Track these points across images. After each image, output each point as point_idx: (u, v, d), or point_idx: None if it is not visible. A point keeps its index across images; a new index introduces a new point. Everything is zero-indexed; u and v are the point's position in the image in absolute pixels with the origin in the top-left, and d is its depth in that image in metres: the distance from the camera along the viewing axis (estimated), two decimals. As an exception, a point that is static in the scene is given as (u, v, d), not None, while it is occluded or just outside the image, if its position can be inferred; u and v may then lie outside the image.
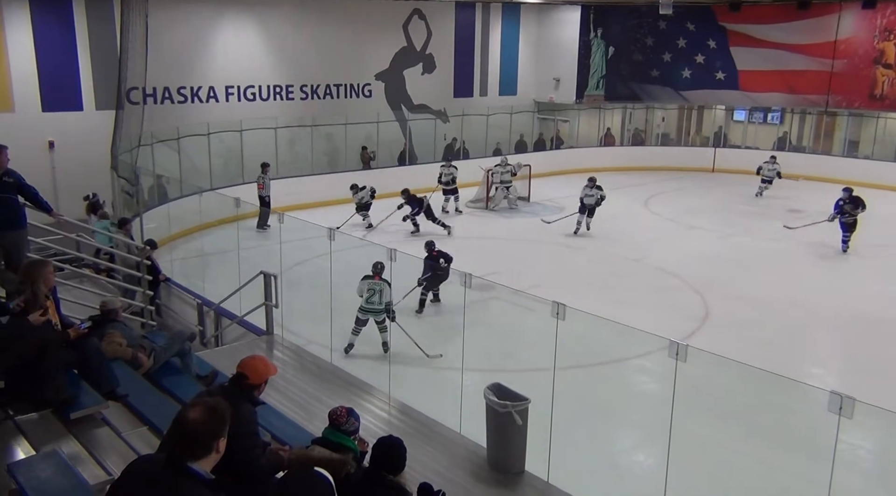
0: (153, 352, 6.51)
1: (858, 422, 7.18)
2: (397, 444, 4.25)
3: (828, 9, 22.27)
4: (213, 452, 2.78)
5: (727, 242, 15.85)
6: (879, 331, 10.87)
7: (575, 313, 7.06)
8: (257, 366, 4.20)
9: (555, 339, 6.36)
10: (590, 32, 24.61)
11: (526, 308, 8.16)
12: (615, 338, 9.05)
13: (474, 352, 9.14)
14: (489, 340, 9.90)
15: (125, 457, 4.58)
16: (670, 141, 26.49)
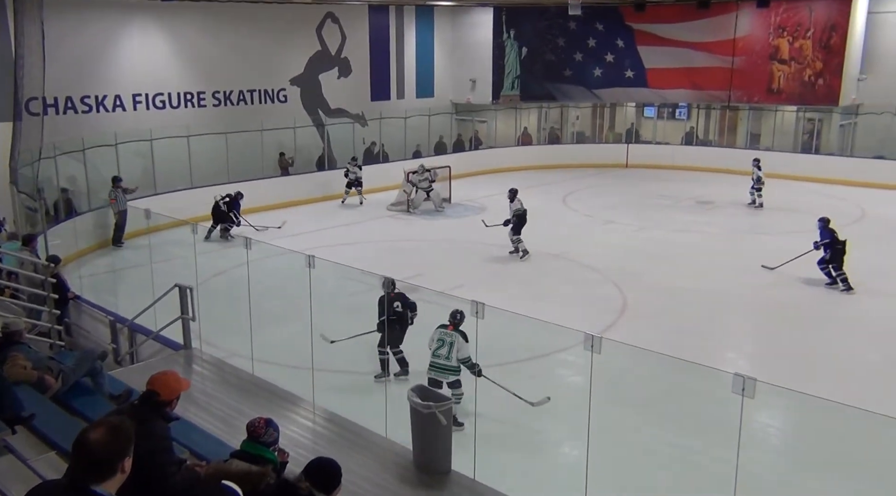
0: (61, 374, 6.23)
1: (767, 402, 7.59)
2: (326, 466, 4.01)
3: (726, 8, 23.32)
4: (119, 473, 2.69)
5: (642, 235, 16.36)
6: (786, 314, 11.45)
7: (494, 312, 7.16)
8: (168, 381, 4.08)
9: (476, 338, 6.45)
10: (503, 34, 24.99)
11: (450, 308, 8.19)
12: (536, 334, 9.22)
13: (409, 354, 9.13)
14: (415, 343, 9.91)
15: (31, 484, 4.36)
16: (585, 138, 27.15)
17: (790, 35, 22.77)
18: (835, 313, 11.44)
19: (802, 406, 7.25)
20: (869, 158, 21.52)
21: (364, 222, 17.44)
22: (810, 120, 23.69)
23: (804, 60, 22.59)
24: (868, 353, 9.93)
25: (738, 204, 18.80)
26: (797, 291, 12.38)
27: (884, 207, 18.20)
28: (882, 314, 11.26)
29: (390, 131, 22.57)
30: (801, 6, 22.33)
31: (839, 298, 11.97)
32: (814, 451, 7.49)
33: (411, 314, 8.93)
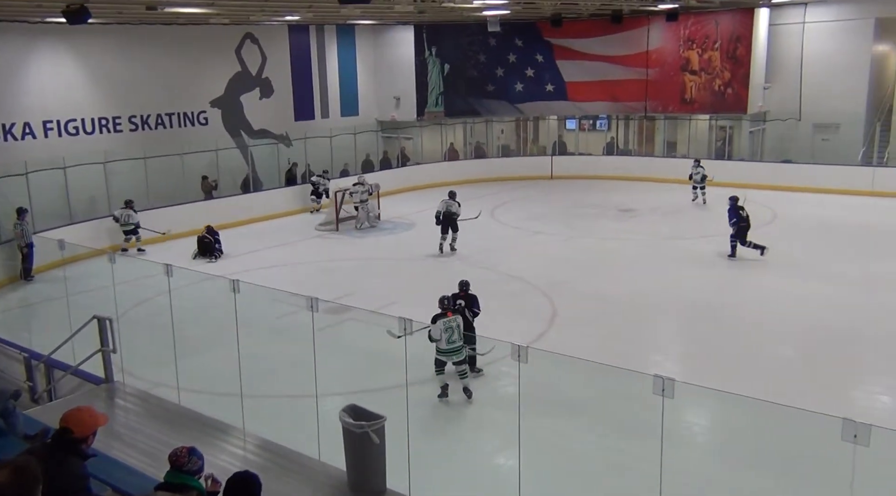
0: (-30, 417, 5.90)
1: (692, 401, 7.84)
2: (245, 479, 4.10)
3: (638, 22, 24.18)
4: (27, 515, 2.58)
5: (570, 244, 16.71)
6: (707, 315, 11.86)
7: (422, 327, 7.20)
8: (82, 417, 3.93)
9: (405, 355, 6.45)
10: (425, 51, 25.23)
11: (381, 326, 8.17)
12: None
13: (333, 377, 9.04)
14: (346, 363, 9.83)
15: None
16: (510, 152, 27.62)
17: (699, 47, 23.76)
18: (751, 312, 11.90)
19: (724, 403, 7.52)
20: (777, 162, 22.61)
21: (293, 244, 17.23)
22: (722, 127, 24.72)
23: (713, 71, 23.61)
24: (783, 349, 10.38)
25: (658, 210, 19.41)
26: (718, 293, 12.86)
27: (792, 208, 19.11)
28: (794, 311, 11.78)
29: (316, 151, 22.40)
30: (707, 19, 23.35)
31: (755, 298, 12.48)
32: (737, 447, 7.76)
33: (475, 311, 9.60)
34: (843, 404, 8.19)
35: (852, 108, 22.29)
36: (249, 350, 9.07)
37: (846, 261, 14.22)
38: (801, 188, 20.92)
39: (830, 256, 14.63)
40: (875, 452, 4.06)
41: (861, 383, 9.37)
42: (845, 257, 14.50)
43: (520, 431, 5.53)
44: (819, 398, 8.34)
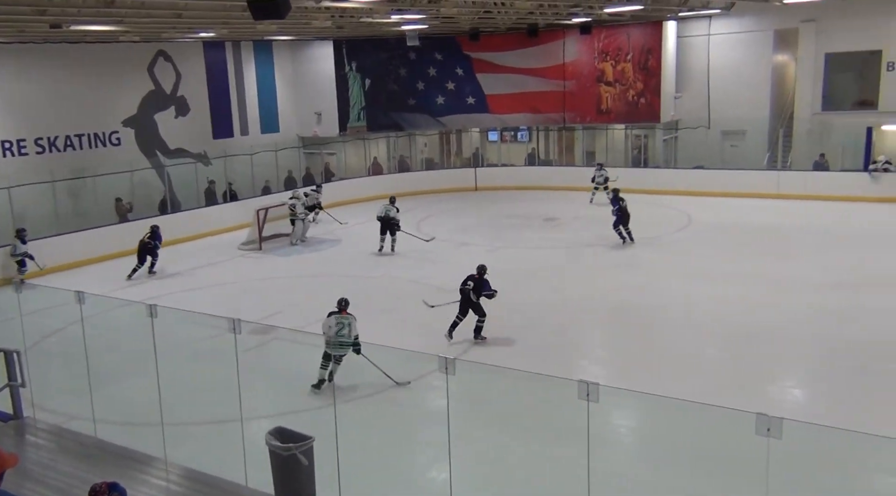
0: None
1: (618, 404, 8.00)
2: None
3: (553, 35, 24.77)
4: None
5: (496, 255, 16.84)
6: (631, 318, 12.16)
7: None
8: (-14, 459, 3.70)
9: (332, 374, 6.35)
10: (345, 66, 25.14)
11: (308, 345, 8.04)
12: (396, 362, 9.21)
13: (259, 399, 8.83)
14: (273, 384, 9.62)
15: None
16: (434, 165, 27.76)
17: (613, 59, 24.52)
18: (672, 314, 12.29)
19: (648, 405, 7.70)
20: (690, 169, 23.49)
21: (215, 264, 16.79)
22: (637, 136, 25.55)
23: (627, 82, 24.39)
24: (703, 350, 10.74)
25: (581, 218, 19.85)
26: (640, 297, 13.20)
27: (706, 213, 19.86)
28: (712, 312, 12.22)
29: (237, 169, 21.96)
30: (619, 32, 24.14)
31: (675, 301, 12.88)
32: (661, 447, 7.96)
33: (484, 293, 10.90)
34: (759, 400, 8.53)
35: (757, 116, 23.43)
36: (170, 376, 8.75)
37: (758, 261, 14.85)
38: (713, 193, 21.77)
39: (743, 258, 15.25)
40: (787, 444, 4.23)
41: (775, 378, 9.77)
42: (757, 258, 15.15)
43: (450, 444, 5.52)
44: (737, 395, 8.67)
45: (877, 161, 20.28)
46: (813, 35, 22.53)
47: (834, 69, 22.85)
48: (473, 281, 10.95)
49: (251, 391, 8.48)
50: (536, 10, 18.99)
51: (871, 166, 20.31)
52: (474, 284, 10.90)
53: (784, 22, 22.70)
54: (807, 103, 22.99)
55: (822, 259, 14.82)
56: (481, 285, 10.89)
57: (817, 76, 22.79)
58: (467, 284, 10.91)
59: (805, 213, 19.42)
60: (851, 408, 8.48)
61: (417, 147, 27.82)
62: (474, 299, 10.91)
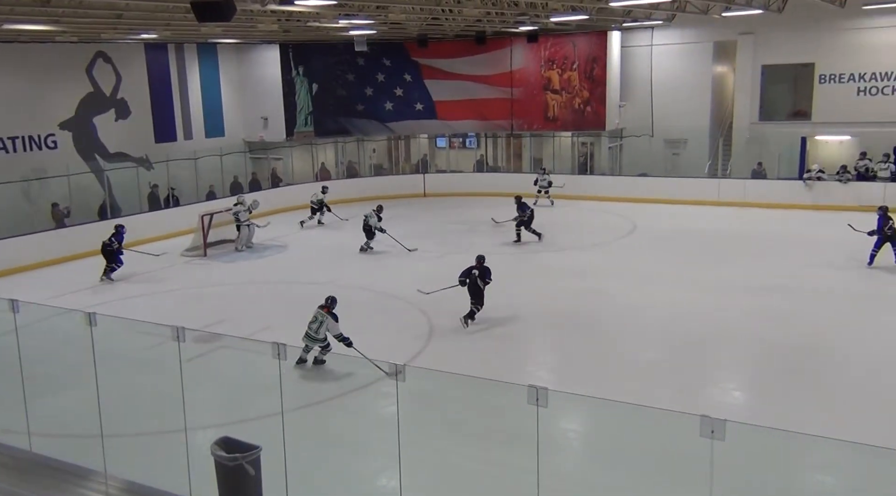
0: None
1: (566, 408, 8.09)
2: None
3: (501, 43, 25.03)
4: None
5: (445, 261, 16.86)
6: (579, 323, 12.30)
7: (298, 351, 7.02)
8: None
9: (279, 382, 6.25)
10: (292, 70, 24.89)
11: (255, 353, 7.88)
12: (346, 369, 9.14)
13: (204, 409, 8.63)
14: (218, 393, 9.42)
15: None
16: (383, 171, 27.69)
17: (559, 67, 24.90)
18: (617, 319, 12.49)
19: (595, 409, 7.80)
20: (634, 176, 23.99)
21: (157, 271, 16.37)
22: (584, 144, 25.98)
23: (573, 90, 24.80)
24: (650, 353, 10.95)
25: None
26: (587, 302, 13.39)
27: (650, 220, 20.29)
28: (657, 317, 12.48)
29: (180, 174, 21.48)
30: (565, 41, 24.52)
31: (620, 305, 13.10)
32: (609, 449, 8.07)
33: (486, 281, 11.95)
34: (702, 402, 8.75)
35: (698, 125, 24.12)
36: (110, 387, 8.48)
37: (700, 267, 15.24)
38: (656, 200, 22.27)
39: (686, 263, 15.63)
40: (730, 445, 4.34)
41: (717, 381, 10.03)
42: (699, 263, 15.54)
43: (400, 450, 5.49)
44: (682, 397, 8.86)
45: (811, 170, 21.05)
46: (750, 47, 23.32)
47: (770, 80, 23.69)
48: (479, 269, 11.95)
49: (196, 401, 8.27)
50: (484, 18, 19.16)
51: (805, 175, 21.07)
52: (479, 271, 11.93)
53: (723, 34, 23.42)
54: (745, 113, 23.76)
55: (761, 264, 15.29)
56: (485, 272, 11.94)
57: (754, 87, 23.59)
58: (473, 273, 11.89)
59: (744, 219, 20.02)
60: (788, 408, 8.76)
61: (366, 153, 27.71)
62: (481, 286, 11.90)
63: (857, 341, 10.82)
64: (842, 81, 22.35)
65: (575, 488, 7.10)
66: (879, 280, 13.93)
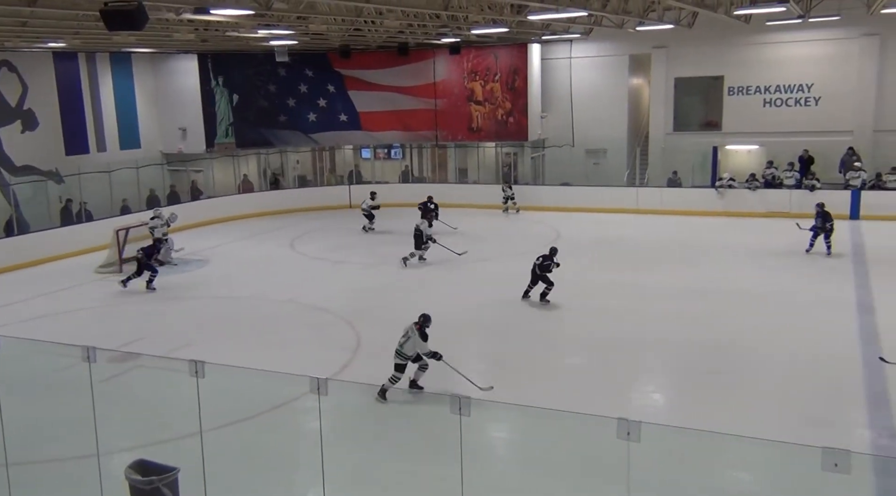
0: None
1: (494, 416, 8.15)
2: None
3: (424, 55, 25.17)
4: None
5: (373, 272, 16.80)
6: (506, 331, 12.41)
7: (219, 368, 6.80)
8: None
9: (198, 400, 6.07)
10: (211, 80, 24.34)
11: (173, 371, 7.62)
12: (268, 385, 8.94)
13: (119, 432, 8.29)
14: (134, 415, 9.07)
15: None
16: (308, 182, 27.35)
17: (482, 79, 25.21)
18: (543, 326, 12.68)
19: (518, 415, 7.88)
20: (557, 186, 24.48)
21: (69, 289, 15.68)
22: (507, 154, 26.35)
23: (496, 101, 25.14)
24: (573, 358, 11.15)
25: (455, 234, 20.12)
26: (513, 310, 13.52)
27: (573, 228, 20.72)
28: (580, 323, 12.74)
29: (93, 187, 20.65)
30: (487, 53, 24.87)
31: (545, 313, 13.31)
32: (532, 455, 8.14)
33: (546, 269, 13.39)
34: (624, 405, 8.96)
35: (616, 135, 24.85)
36: (16, 412, 8.08)
37: (620, 273, 15.64)
38: (578, 208, 22.77)
39: (607, 269, 16.03)
40: (647, 446, 4.46)
41: (638, 384, 10.30)
42: (619, 270, 15.95)
43: (323, 466, 5.40)
44: (604, 401, 9.05)
45: (722, 178, 21.96)
46: (664, 60, 24.21)
47: (683, 92, 24.65)
48: (543, 258, 13.33)
49: (110, 423, 7.95)
50: (406, 30, 19.23)
51: (717, 183, 21.97)
52: (542, 260, 13.30)
53: (638, 47, 24.23)
54: (660, 124, 24.63)
55: (679, 269, 15.82)
56: (545, 265, 13.31)
57: (668, 99, 24.49)
58: (540, 259, 13.37)
59: (661, 226, 20.69)
60: (707, 408, 9.07)
61: (290, 164, 27.33)
62: (539, 272, 13.35)
63: (772, 341, 11.29)
64: (749, 93, 23.47)
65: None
66: (792, 283, 14.60)
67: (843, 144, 21.75)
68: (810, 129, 22.40)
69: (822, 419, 8.61)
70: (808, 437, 5.75)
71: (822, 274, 15.14)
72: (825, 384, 9.65)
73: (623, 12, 16.55)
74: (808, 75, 22.74)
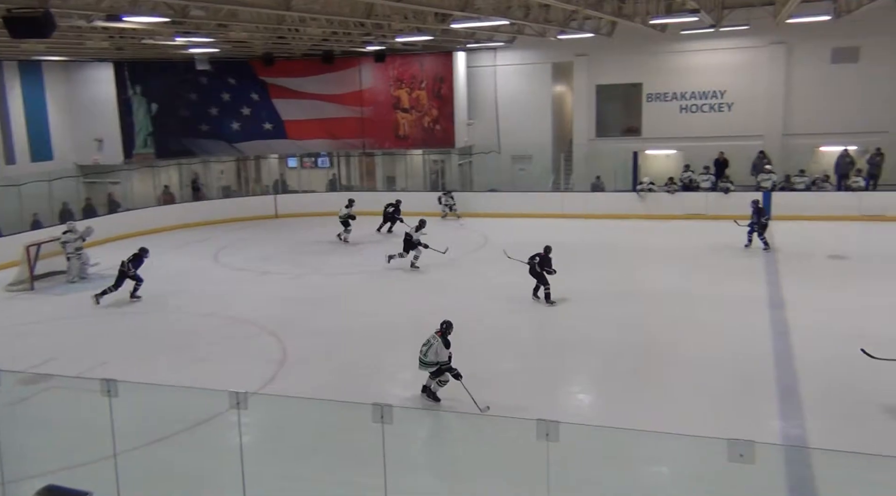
0: None
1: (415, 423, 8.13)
2: None
3: (349, 62, 25.06)
4: None
5: (299, 282, 16.56)
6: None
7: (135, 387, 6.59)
8: None
9: (111, 421, 5.84)
10: (128, 89, 23.59)
11: (87, 392, 7.30)
12: (189, 401, 8.68)
13: (28, 457, 7.90)
14: (46, 439, 8.65)
15: None
16: (233, 192, 26.79)
17: (408, 86, 25.27)
18: (473, 331, 12.68)
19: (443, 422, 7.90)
20: (484, 192, 24.72)
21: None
22: (435, 161, 26.47)
23: (422, 108, 25.23)
24: (500, 363, 11.22)
25: (384, 242, 20.07)
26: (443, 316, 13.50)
27: (500, 233, 20.91)
28: (508, 327, 12.86)
29: (1, 202, 19.67)
30: (412, 61, 24.94)
31: (475, 317, 13.37)
32: (458, 461, 8.15)
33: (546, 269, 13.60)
34: (551, 407, 9.08)
35: (541, 141, 25.31)
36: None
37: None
38: (506, 214, 23.04)
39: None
40: (566, 446, 4.54)
41: (564, 385, 10.47)
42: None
43: (244, 482, 5.28)
44: (530, 404, 9.16)
45: (642, 182, 22.63)
46: (585, 68, 24.83)
47: (604, 99, 25.32)
48: (541, 257, 13.63)
49: (19, 448, 7.58)
50: (331, 37, 19.11)
51: (638, 187, 22.62)
52: (540, 259, 13.58)
53: (560, 55, 24.76)
54: (583, 130, 25.23)
55: (601, 272, 16.20)
56: (544, 262, 13.57)
57: (590, 105, 25.12)
58: (535, 258, 13.66)
59: (586, 230, 21.13)
60: (628, 407, 9.29)
61: (213, 174, 26.70)
62: (539, 271, 13.55)
63: (689, 339, 11.67)
64: (666, 100, 24.29)
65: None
66: (708, 282, 15.12)
67: (754, 148, 22.74)
68: (724, 134, 23.36)
69: (737, 412, 8.95)
70: (724, 430, 5.95)
71: (736, 272, 15.74)
72: (739, 379, 10.03)
73: (545, 21, 16.91)
74: (720, 82, 23.70)
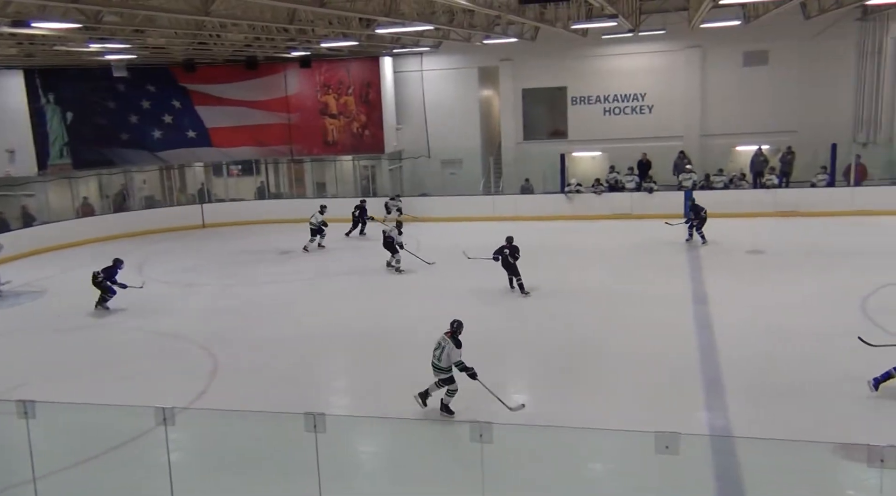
0: None
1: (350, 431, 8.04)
2: None
3: (273, 68, 24.70)
4: None
5: (228, 293, 16.20)
6: (370, 343, 12.31)
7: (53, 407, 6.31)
8: None
9: (29, 444, 5.57)
10: (41, 98, 22.58)
11: (4, 413, 6.94)
12: (115, 420, 8.36)
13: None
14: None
15: None
16: (156, 203, 25.95)
17: (335, 92, 25.09)
18: (410, 336, 12.59)
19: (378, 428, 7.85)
20: (416, 197, 24.74)
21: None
22: (365, 167, 26.34)
23: (350, 114, 25.09)
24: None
25: (316, 249, 19.81)
26: (378, 321, 13.50)
27: (433, 237, 20.93)
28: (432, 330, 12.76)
29: None
30: (339, 66, 24.78)
31: (410, 322, 13.38)
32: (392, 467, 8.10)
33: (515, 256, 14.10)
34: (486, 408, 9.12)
35: (470, 145, 25.54)
36: None
37: (479, 279, 15.98)
38: (438, 218, 23.10)
39: (468, 276, 16.31)
40: (500, 447, 4.58)
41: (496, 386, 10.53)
42: (479, 276, 16.26)
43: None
44: (470, 407, 9.18)
45: (570, 183, 23.07)
46: (510, 72, 25.19)
47: (530, 103, 25.74)
48: (509, 247, 13.96)
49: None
50: (254, 43, 18.79)
51: (566, 188, 23.05)
52: (510, 249, 13.85)
53: (486, 60, 25.05)
54: (511, 133, 25.57)
55: (534, 272, 16.37)
56: (514, 250, 13.90)
57: (517, 109, 25.49)
58: (504, 251, 13.98)
59: (516, 232, 21.30)
60: (561, 406, 9.43)
61: (136, 184, 25.82)
62: (512, 261, 13.84)
63: (617, 336, 11.95)
64: (590, 103, 24.88)
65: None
66: (635, 280, 15.52)
67: (675, 149, 23.52)
68: (646, 135, 24.08)
69: (665, 406, 9.21)
70: (653, 424, 6.12)
71: (662, 270, 16.22)
72: (667, 372, 10.33)
73: (469, 26, 17.08)
74: (641, 85, 24.43)
